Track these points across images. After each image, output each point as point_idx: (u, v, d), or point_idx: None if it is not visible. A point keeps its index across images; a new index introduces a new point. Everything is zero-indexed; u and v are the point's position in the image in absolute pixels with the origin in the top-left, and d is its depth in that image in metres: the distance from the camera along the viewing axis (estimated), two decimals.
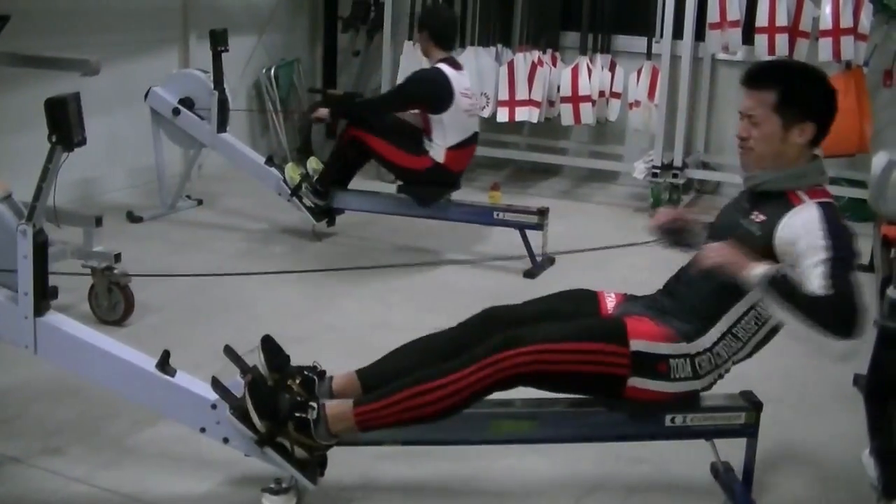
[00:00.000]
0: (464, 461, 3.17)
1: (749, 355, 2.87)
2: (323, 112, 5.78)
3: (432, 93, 5.29)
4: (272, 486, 2.80)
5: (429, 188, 5.40)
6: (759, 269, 2.60)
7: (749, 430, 2.94)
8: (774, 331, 2.85)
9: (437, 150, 5.30)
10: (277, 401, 2.77)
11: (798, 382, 3.94)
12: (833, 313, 2.49)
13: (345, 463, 2.98)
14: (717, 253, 2.71)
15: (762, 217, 2.78)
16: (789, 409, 3.62)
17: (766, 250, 2.70)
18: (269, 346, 2.96)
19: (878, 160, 5.21)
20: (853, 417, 3.47)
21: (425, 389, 2.71)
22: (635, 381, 2.78)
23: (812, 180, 2.84)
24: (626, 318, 2.86)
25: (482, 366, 2.70)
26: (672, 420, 2.90)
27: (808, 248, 2.61)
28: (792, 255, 2.65)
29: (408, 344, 3.04)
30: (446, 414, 2.74)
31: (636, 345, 2.76)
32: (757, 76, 2.84)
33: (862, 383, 3.35)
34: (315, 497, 2.90)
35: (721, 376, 2.88)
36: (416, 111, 5.40)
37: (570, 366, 2.75)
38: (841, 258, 2.57)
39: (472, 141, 5.46)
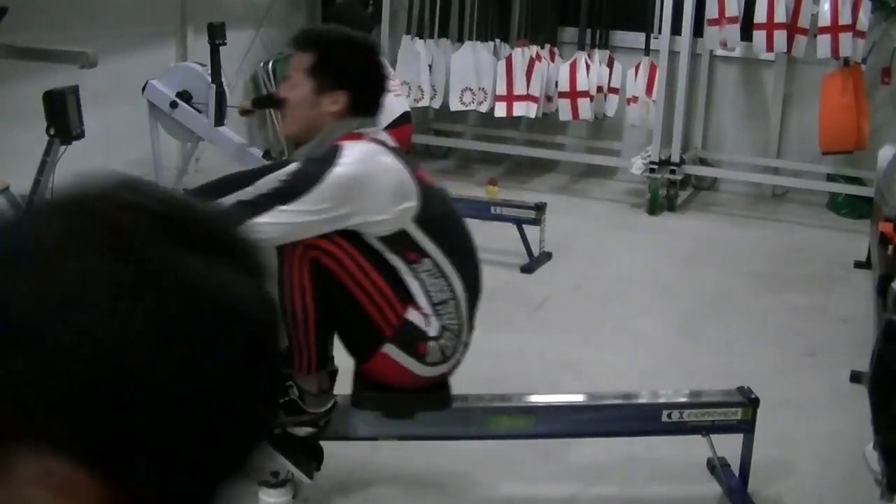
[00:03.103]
0: (459, 456, 3.17)
1: (473, 299, 2.81)
2: (245, 103, 5.94)
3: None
4: (269, 479, 2.79)
5: None
6: None
7: (745, 426, 2.95)
8: (462, 273, 2.77)
9: None
10: None
11: (794, 378, 3.95)
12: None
13: (341, 457, 2.98)
14: None
15: None
16: (786, 405, 3.62)
17: None
18: None
19: (885, 153, 5.23)
20: (850, 414, 3.48)
21: (286, 298, 2.68)
22: (390, 349, 2.72)
23: (339, 133, 2.72)
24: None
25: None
26: (668, 415, 2.90)
27: None
28: None
29: None
30: (312, 297, 2.68)
31: (411, 314, 2.71)
32: (301, 38, 2.85)
33: (861, 379, 3.36)
34: (311, 490, 2.90)
35: (467, 345, 2.82)
36: None
37: (353, 285, 2.68)
38: (274, 190, 2.57)
39: (403, 121, 5.29)
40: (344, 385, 2.89)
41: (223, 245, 0.73)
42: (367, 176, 2.63)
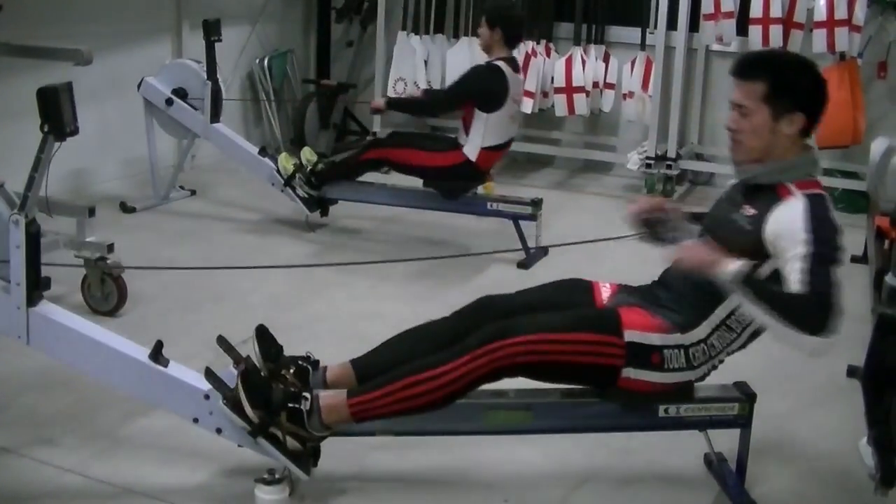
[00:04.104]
0: (457, 451, 3.17)
1: (743, 346, 2.86)
2: (380, 102, 5.69)
3: (489, 89, 5.19)
4: (265, 476, 2.79)
5: (455, 182, 5.37)
6: (732, 267, 2.58)
7: (742, 421, 2.94)
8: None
9: (472, 147, 5.22)
10: (271, 391, 2.77)
11: (792, 373, 3.94)
12: (806, 311, 2.47)
13: (338, 453, 2.98)
14: (691, 253, 2.71)
15: (753, 211, 2.75)
16: (783, 400, 3.62)
17: (756, 244, 2.69)
18: (264, 337, 2.95)
19: (878, 145, 5.22)
20: (847, 408, 3.48)
21: (420, 380, 2.71)
22: (629, 372, 2.77)
23: (803, 171, 2.79)
24: (620, 308, 2.85)
25: (476, 355, 2.69)
26: (665, 411, 2.90)
27: (790, 241, 2.59)
28: (779, 248, 2.64)
29: (402, 333, 3.04)
30: (441, 404, 2.74)
31: (630, 335, 2.76)
32: (747, 66, 2.82)
33: (857, 374, 3.35)
34: (308, 487, 2.90)
35: (715, 367, 2.88)
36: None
37: (565, 356, 2.75)
38: (821, 254, 2.54)
39: (507, 145, 5.42)
40: None
41: None
42: None
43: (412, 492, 3.03)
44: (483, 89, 5.20)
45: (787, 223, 2.63)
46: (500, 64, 5.21)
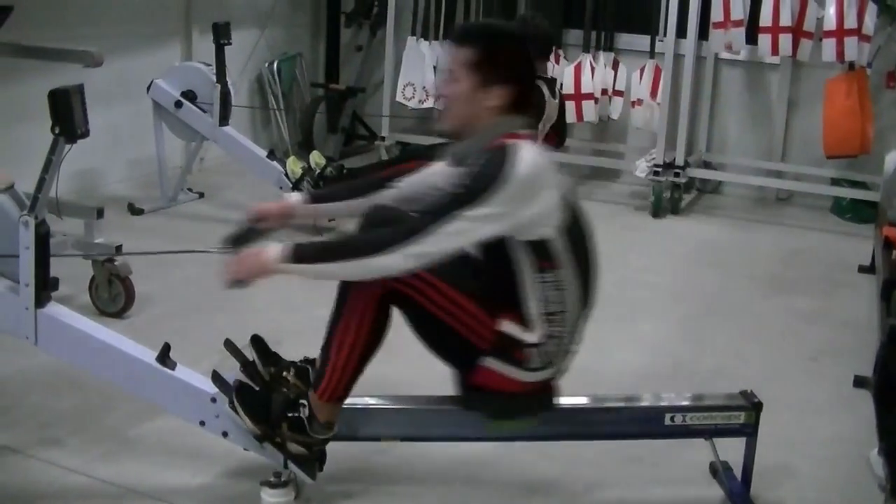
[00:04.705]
0: (461, 457, 3.17)
1: (585, 313, 2.82)
2: None
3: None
4: (271, 479, 2.79)
5: None
6: (274, 253, 2.64)
7: (749, 430, 2.94)
8: (588, 286, 2.79)
9: None
10: (270, 402, 2.77)
11: (798, 383, 3.94)
12: (369, 239, 2.63)
13: (343, 457, 2.98)
14: (237, 263, 2.72)
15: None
16: (789, 410, 3.61)
17: None
18: (259, 343, 2.96)
19: (892, 158, 5.22)
20: (853, 418, 3.48)
21: (339, 340, 2.74)
22: (489, 362, 2.73)
23: (498, 133, 2.68)
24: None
25: (359, 286, 2.71)
26: (671, 419, 2.90)
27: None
28: None
29: None
30: (373, 339, 2.74)
31: (505, 326, 2.71)
32: (461, 33, 2.82)
33: (865, 384, 3.35)
34: (313, 491, 2.90)
35: (572, 353, 2.82)
36: None
37: (437, 310, 2.69)
38: (453, 195, 2.56)
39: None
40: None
41: None
42: (542, 178, 2.62)
43: (417, 496, 3.03)
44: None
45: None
46: (539, 83, 4.99)
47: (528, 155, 2.59)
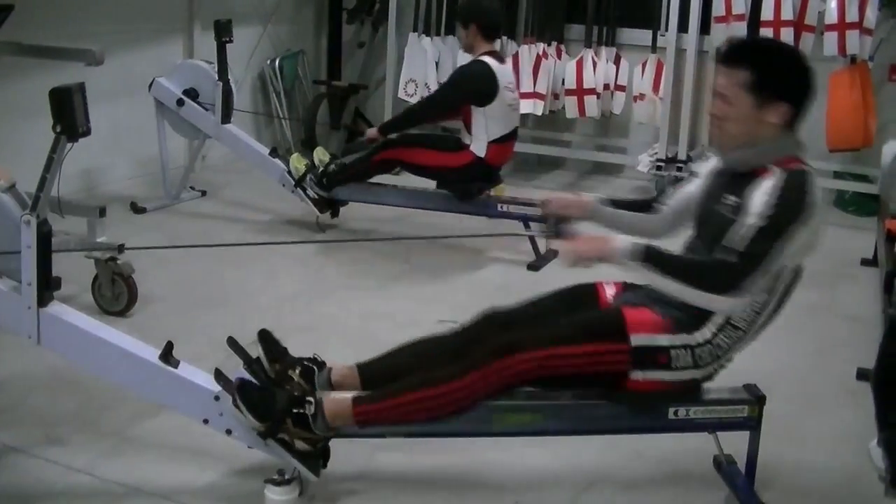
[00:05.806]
0: (466, 453, 3.17)
1: (752, 341, 2.85)
2: (372, 132, 5.60)
3: (479, 88, 5.18)
4: (275, 477, 2.79)
5: (468, 184, 5.37)
6: (624, 245, 2.68)
7: (752, 423, 2.93)
8: (774, 315, 2.83)
9: (479, 144, 5.23)
10: (273, 398, 2.77)
11: (801, 376, 3.94)
12: (710, 276, 2.63)
13: (347, 454, 2.98)
14: (580, 244, 2.76)
15: (733, 199, 2.73)
16: (792, 403, 3.61)
17: None
18: (267, 339, 2.96)
19: (889, 148, 5.21)
20: (856, 411, 3.47)
21: (428, 396, 2.73)
22: (637, 375, 2.77)
23: (784, 152, 2.74)
24: (625, 309, 2.83)
25: (486, 373, 2.70)
26: (675, 413, 2.89)
27: (748, 212, 2.63)
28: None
29: (409, 343, 3.03)
30: (446, 418, 2.76)
31: (636, 339, 2.74)
32: (731, 54, 2.79)
33: (867, 377, 3.34)
34: (317, 488, 2.90)
35: (723, 366, 2.86)
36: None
37: (572, 369, 2.74)
38: (764, 228, 2.58)
39: (513, 135, 5.40)
40: None
41: None
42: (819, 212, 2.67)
43: (422, 493, 3.03)
44: (473, 88, 5.22)
45: (754, 198, 2.65)
46: (484, 58, 5.22)
47: (817, 182, 2.66)
